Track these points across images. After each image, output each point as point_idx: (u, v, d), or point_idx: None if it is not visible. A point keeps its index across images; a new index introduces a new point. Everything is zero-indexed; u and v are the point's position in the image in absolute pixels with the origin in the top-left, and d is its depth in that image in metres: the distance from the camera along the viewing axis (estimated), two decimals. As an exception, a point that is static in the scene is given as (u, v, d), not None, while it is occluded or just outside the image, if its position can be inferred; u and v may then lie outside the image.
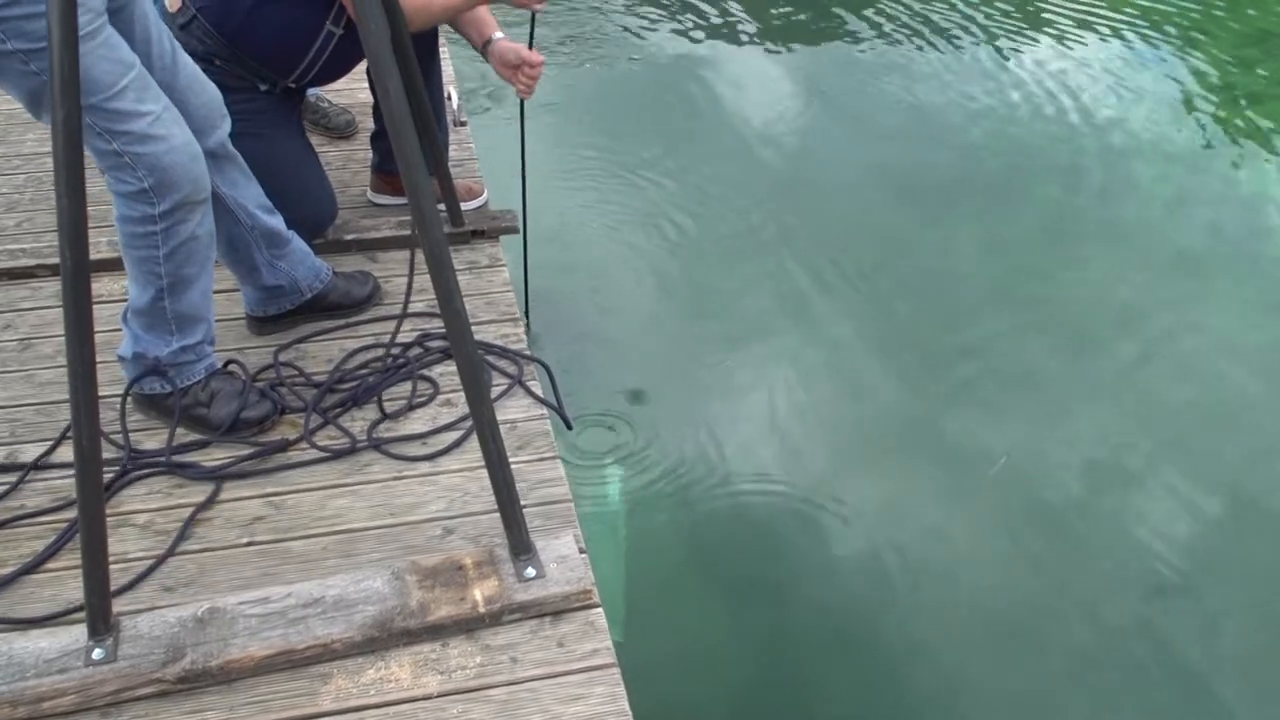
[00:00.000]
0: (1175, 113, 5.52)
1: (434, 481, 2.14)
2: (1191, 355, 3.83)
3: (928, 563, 3.07)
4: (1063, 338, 3.90)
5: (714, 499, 3.26)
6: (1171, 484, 3.32)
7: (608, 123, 5.27)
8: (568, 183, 4.70)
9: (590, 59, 5.89)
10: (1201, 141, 5.26)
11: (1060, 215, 4.62)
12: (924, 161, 4.96)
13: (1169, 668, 2.80)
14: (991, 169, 4.95)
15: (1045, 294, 4.12)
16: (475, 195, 3.04)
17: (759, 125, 5.27)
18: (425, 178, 1.62)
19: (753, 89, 5.64)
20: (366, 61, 2.63)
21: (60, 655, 1.70)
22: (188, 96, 2.11)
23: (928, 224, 4.52)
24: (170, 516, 2.04)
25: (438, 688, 1.73)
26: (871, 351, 3.84)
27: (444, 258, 1.64)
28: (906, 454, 3.45)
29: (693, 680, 2.82)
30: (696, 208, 4.61)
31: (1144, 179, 4.92)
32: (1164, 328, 3.97)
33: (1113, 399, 3.64)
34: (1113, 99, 5.60)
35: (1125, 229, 4.52)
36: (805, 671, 2.81)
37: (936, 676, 2.79)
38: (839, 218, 4.56)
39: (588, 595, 1.86)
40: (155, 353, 2.15)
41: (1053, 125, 5.33)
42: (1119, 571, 3.05)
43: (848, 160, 5.00)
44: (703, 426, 3.48)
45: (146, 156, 1.90)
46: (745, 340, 3.89)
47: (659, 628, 2.91)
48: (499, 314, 2.64)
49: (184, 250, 2.03)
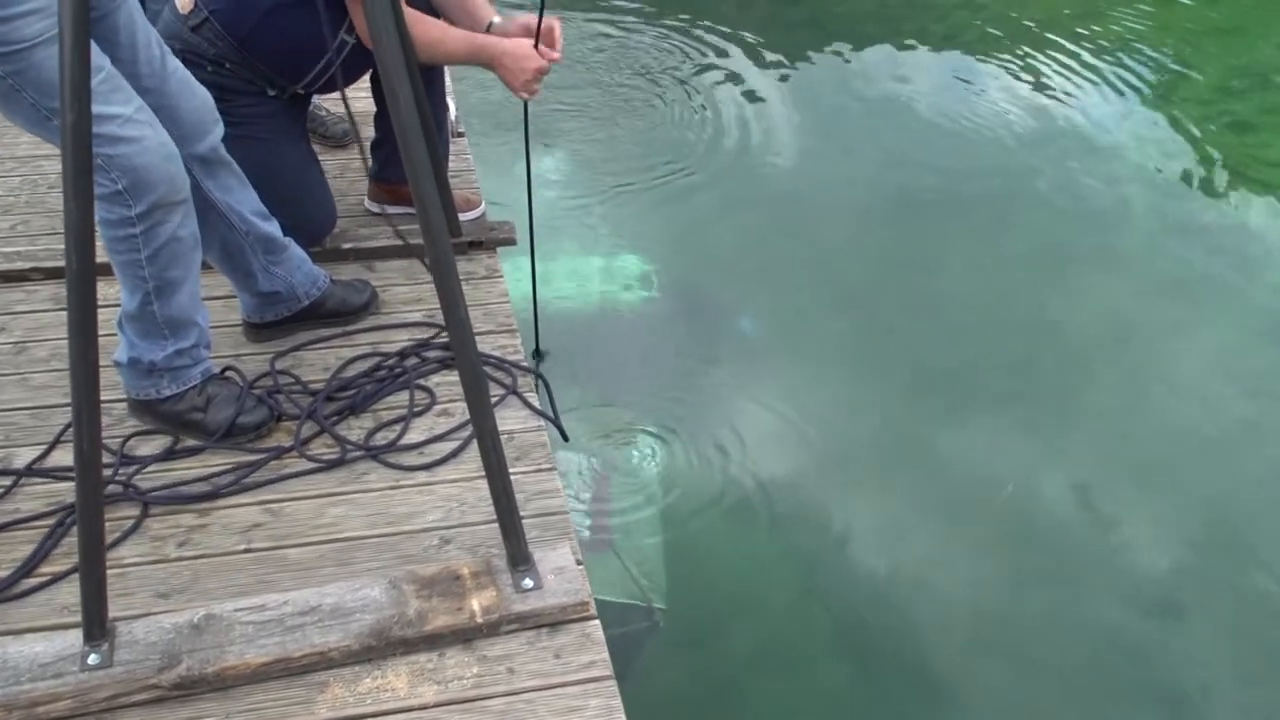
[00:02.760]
0: (1165, 139, 5.56)
1: (431, 491, 2.14)
2: (1183, 380, 3.86)
3: (914, 581, 3.08)
4: (1052, 361, 3.93)
5: (700, 519, 3.28)
6: (1162, 508, 3.34)
7: (598, 138, 5.30)
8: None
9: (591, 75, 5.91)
10: (1191, 168, 5.29)
11: (1050, 240, 4.64)
12: (914, 184, 4.99)
13: (1157, 689, 2.82)
14: (980, 192, 4.98)
15: (1036, 318, 4.14)
16: (473, 206, 3.05)
17: (750, 144, 5.29)
18: (433, 188, 1.62)
19: (745, 107, 5.67)
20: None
21: (55, 660, 1.69)
22: (179, 102, 2.10)
23: (917, 245, 4.55)
24: (167, 522, 2.03)
25: (434, 698, 1.73)
26: (863, 369, 3.86)
27: (450, 267, 1.65)
28: (896, 472, 3.47)
29: (733, 638, 2.91)
30: (685, 222, 4.65)
31: (1136, 204, 4.95)
32: (1155, 352, 4.00)
33: (1103, 422, 3.66)
34: (1104, 124, 5.64)
35: (1117, 254, 4.55)
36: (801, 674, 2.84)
37: (928, 691, 2.80)
38: (830, 238, 4.58)
39: (585, 607, 1.86)
40: (150, 357, 2.14)
41: (1041, 149, 5.36)
42: (1108, 594, 3.07)
43: (838, 180, 5.03)
44: (689, 441, 3.50)
45: (118, 158, 1.89)
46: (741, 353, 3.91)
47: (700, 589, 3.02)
48: (496, 325, 2.64)
49: (167, 252, 2.02)
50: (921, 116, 5.64)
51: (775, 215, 4.75)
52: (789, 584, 3.10)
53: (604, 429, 3.51)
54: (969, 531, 3.26)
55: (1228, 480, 3.45)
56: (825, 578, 3.12)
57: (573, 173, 4.96)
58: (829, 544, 3.20)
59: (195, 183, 2.17)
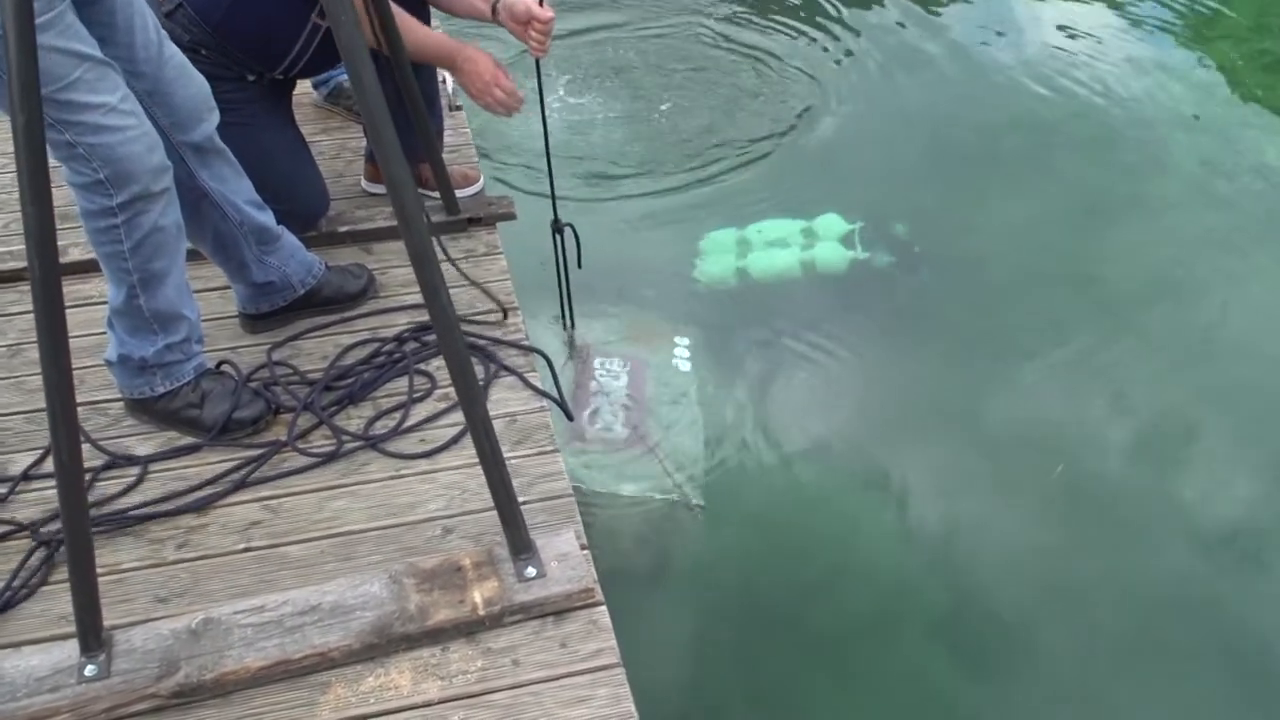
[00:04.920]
0: (1202, 81, 5.37)
1: (433, 479, 2.10)
2: (1235, 329, 3.74)
3: (965, 543, 3.03)
4: (1095, 315, 3.81)
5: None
6: (1216, 461, 3.25)
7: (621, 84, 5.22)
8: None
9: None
10: (1229, 111, 5.09)
11: (1089, 191, 4.49)
12: (946, 137, 4.83)
13: (1216, 648, 2.76)
14: (1014, 144, 4.80)
15: (1078, 270, 4.02)
16: (471, 182, 2.98)
17: (772, 95, 5.16)
18: (406, 171, 1.56)
19: (772, 54, 5.53)
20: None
21: (52, 673, 1.66)
22: (174, 89, 2.06)
23: (953, 199, 4.42)
24: (165, 524, 2.00)
25: (438, 694, 1.69)
26: (904, 331, 3.78)
27: (428, 254, 1.58)
28: (938, 433, 3.40)
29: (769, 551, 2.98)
30: (710, 167, 4.57)
31: (1174, 150, 4.77)
32: (1204, 302, 3.87)
33: (1148, 376, 3.56)
34: (1140, 67, 5.43)
35: (1158, 203, 4.40)
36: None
37: (985, 653, 2.77)
38: (863, 190, 4.47)
39: (590, 594, 1.81)
40: (141, 354, 2.10)
41: (1077, 98, 5.17)
42: (1164, 550, 3.01)
43: (871, 135, 4.90)
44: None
45: (100, 148, 1.85)
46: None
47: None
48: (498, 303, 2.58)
49: (150, 243, 1.98)
50: (946, 69, 5.44)
51: (802, 165, 4.66)
52: (833, 541, 3.08)
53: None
54: (1017, 490, 3.19)
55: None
56: (867, 534, 3.09)
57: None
58: (866, 503, 3.17)
59: (189, 171, 2.14)
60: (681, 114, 5.00)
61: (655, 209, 4.36)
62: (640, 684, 1.73)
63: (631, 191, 4.47)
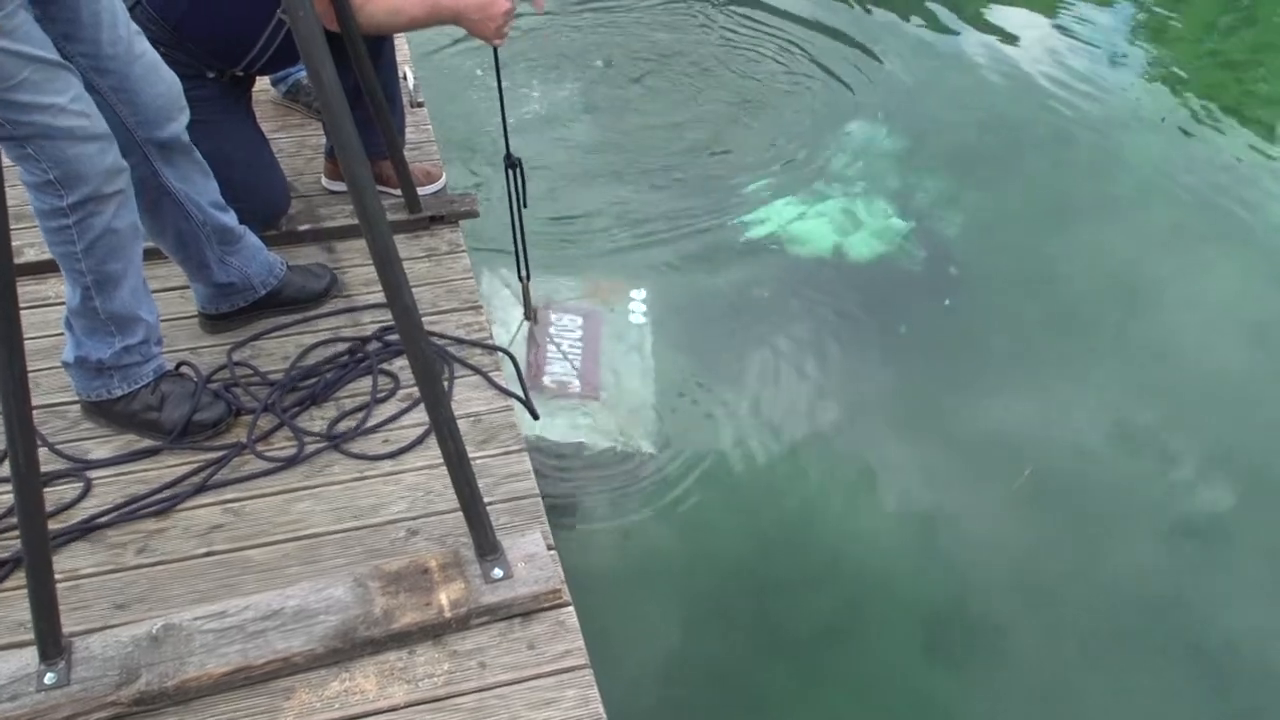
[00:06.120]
0: (1157, 83, 5.43)
1: (397, 480, 2.08)
2: (1191, 329, 3.79)
3: (934, 541, 3.05)
4: (1057, 314, 3.85)
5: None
6: (1175, 458, 3.29)
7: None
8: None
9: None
10: (1186, 110, 5.15)
11: (1051, 190, 4.52)
12: (908, 140, 4.86)
13: (1182, 645, 2.80)
14: (973, 146, 4.83)
15: (1041, 271, 4.05)
16: (433, 179, 2.96)
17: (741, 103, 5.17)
18: (367, 170, 1.54)
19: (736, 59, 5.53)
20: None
21: (10, 681, 1.63)
22: (141, 87, 2.02)
23: (917, 200, 4.45)
24: (124, 529, 1.96)
25: (404, 698, 1.68)
26: (867, 331, 3.79)
27: (390, 253, 1.57)
28: (905, 433, 3.41)
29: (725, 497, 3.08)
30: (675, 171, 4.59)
31: (1130, 150, 4.82)
32: (1165, 299, 3.91)
33: (1111, 375, 3.60)
34: (1095, 69, 5.48)
35: (1117, 202, 4.44)
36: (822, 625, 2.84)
37: (955, 650, 2.79)
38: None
39: (557, 595, 1.80)
40: (98, 356, 2.07)
41: (1037, 98, 5.22)
42: (1132, 548, 3.04)
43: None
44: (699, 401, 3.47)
45: (49, 148, 1.82)
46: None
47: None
48: (461, 302, 2.56)
49: (103, 245, 1.95)
50: (900, 76, 5.47)
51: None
52: (798, 538, 3.09)
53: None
54: (983, 489, 3.22)
55: (1246, 428, 3.41)
56: (838, 528, 3.11)
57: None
58: (834, 500, 3.19)
59: (153, 170, 2.11)
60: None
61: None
62: (608, 685, 1.72)
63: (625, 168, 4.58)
